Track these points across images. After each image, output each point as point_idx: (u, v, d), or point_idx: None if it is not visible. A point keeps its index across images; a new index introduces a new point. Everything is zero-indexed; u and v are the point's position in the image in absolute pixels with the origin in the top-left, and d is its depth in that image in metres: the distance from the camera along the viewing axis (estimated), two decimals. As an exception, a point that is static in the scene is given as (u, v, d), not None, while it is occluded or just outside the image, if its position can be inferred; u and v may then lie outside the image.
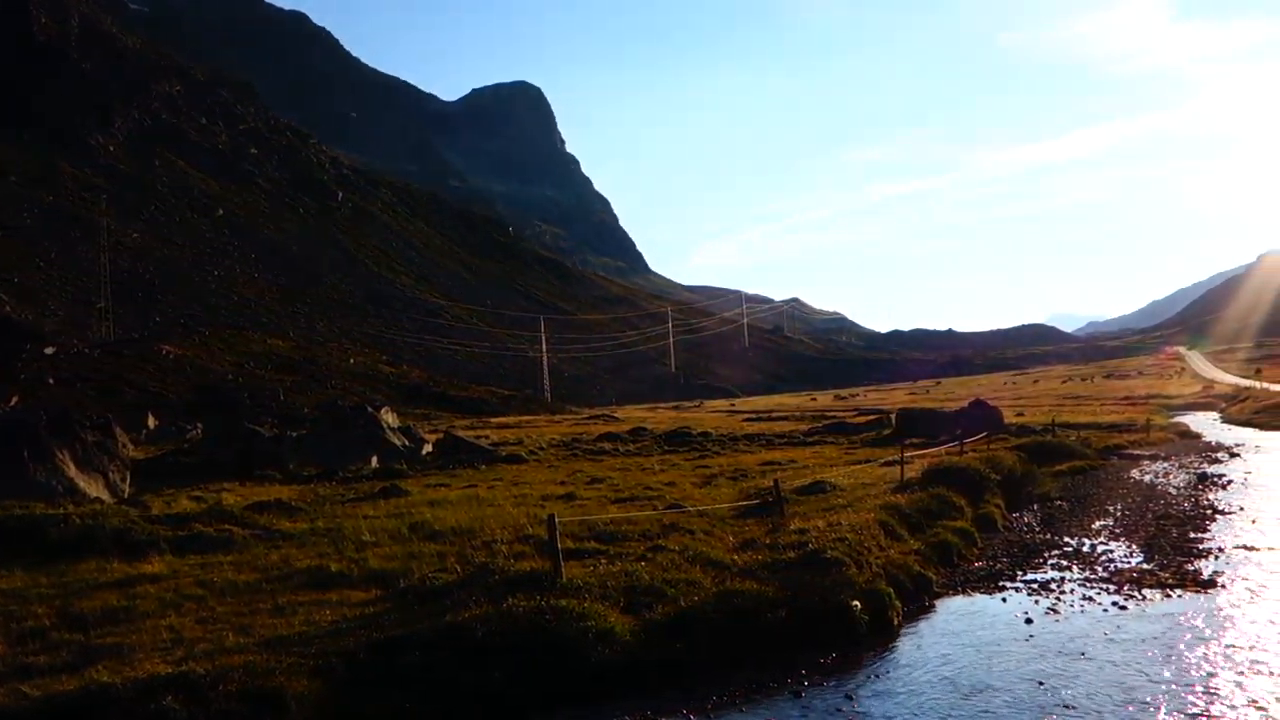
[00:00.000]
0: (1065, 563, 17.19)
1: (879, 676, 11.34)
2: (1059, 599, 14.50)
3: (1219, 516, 22.05)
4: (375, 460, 32.59)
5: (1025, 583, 15.73)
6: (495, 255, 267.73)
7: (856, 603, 13.03)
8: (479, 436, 46.09)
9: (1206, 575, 15.71)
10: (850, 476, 24.85)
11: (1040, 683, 10.78)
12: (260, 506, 20.46)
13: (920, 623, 13.72)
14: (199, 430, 48.99)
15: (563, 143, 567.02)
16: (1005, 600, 14.72)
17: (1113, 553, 18.03)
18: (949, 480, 23.02)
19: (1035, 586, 15.38)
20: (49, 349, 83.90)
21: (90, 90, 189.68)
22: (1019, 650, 12.08)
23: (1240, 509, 23.21)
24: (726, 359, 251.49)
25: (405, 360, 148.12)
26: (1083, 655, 11.70)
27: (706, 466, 31.15)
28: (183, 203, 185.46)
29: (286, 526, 18.48)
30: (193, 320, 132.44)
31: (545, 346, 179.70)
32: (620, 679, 10.81)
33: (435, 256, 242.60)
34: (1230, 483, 28.71)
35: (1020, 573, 16.53)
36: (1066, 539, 19.67)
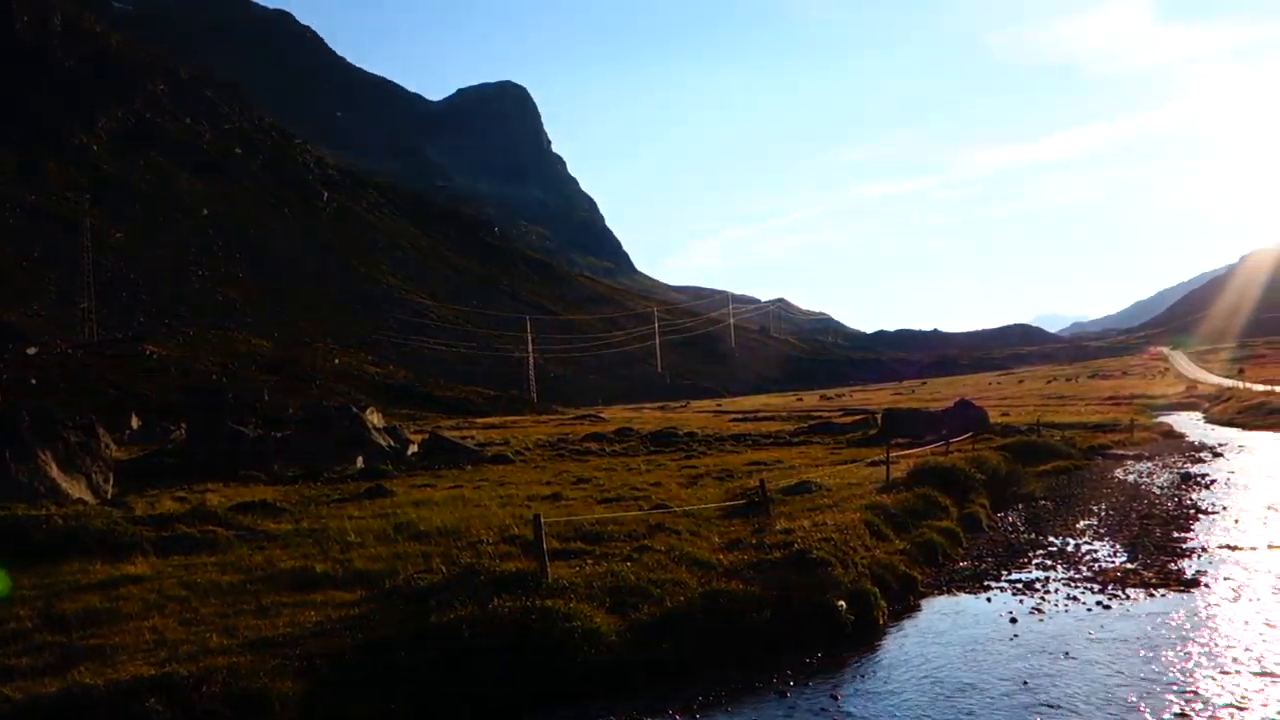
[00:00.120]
0: (1050, 562, 17.25)
1: (864, 676, 11.36)
2: (1043, 599, 14.55)
3: (1202, 516, 22.16)
4: (360, 461, 32.50)
5: (1010, 582, 15.77)
6: (481, 255, 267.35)
7: (842, 602, 13.05)
8: (465, 437, 46.02)
9: (1190, 575, 15.78)
10: (836, 476, 24.90)
11: (1025, 682, 10.81)
12: (244, 507, 20.37)
13: (905, 622, 13.75)
14: (183, 431, 48.70)
15: (549, 143, 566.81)
16: (990, 600, 14.75)
17: (1097, 552, 18.11)
18: (934, 480, 23.09)
19: (1020, 586, 15.42)
20: (31, 349, 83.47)
21: (73, 89, 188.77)
22: (1003, 650, 12.12)
23: (1223, 508, 23.33)
24: (713, 359, 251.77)
25: (391, 361, 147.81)
26: (1067, 655, 11.73)
27: (693, 467, 31.17)
28: (167, 202, 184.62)
29: (271, 527, 18.41)
30: (177, 320, 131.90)
31: (531, 347, 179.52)
32: (606, 679, 10.80)
33: (421, 257, 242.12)
34: (1213, 482, 28.86)
35: (1005, 572, 16.58)
36: (1051, 539, 19.74)
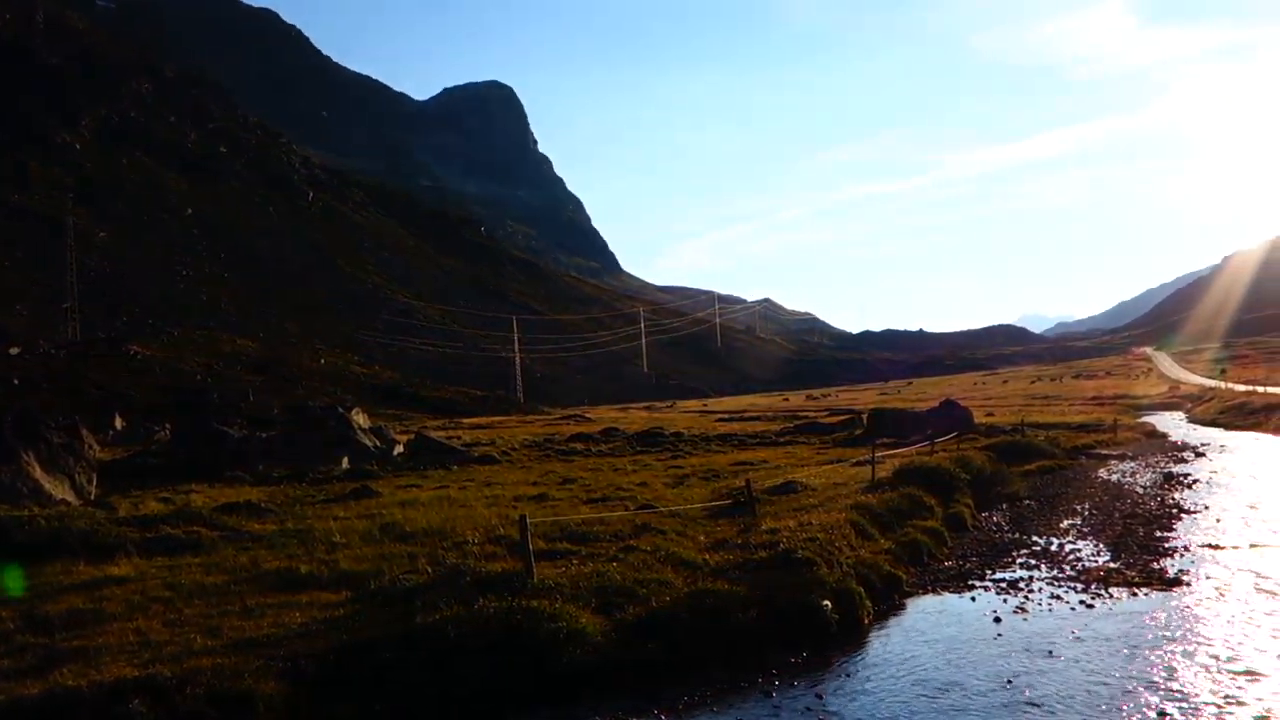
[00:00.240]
0: (1034, 562, 17.34)
1: (849, 675, 11.40)
2: (1027, 598, 14.62)
3: (1185, 515, 22.30)
4: (346, 461, 32.40)
5: (994, 582, 15.85)
6: (467, 255, 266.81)
7: (827, 602, 13.09)
8: (451, 437, 45.94)
9: (1172, 574, 15.88)
10: (822, 476, 24.97)
11: (1008, 681, 10.86)
12: (229, 508, 20.31)
13: (890, 622, 13.80)
14: (167, 431, 48.49)
15: (535, 143, 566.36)
16: (974, 599, 14.82)
17: (1080, 552, 18.21)
18: (920, 480, 23.19)
19: (1004, 585, 15.50)
20: (14, 349, 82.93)
21: (57, 88, 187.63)
22: (987, 649, 12.17)
23: (1205, 508, 23.48)
24: (699, 359, 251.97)
25: (377, 361, 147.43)
26: (1050, 654, 11.80)
27: (679, 467, 31.21)
28: (151, 202, 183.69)
29: (256, 528, 18.37)
30: (161, 320, 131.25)
31: (518, 347, 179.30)
32: (593, 679, 10.81)
33: (407, 256, 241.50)
34: (1196, 482, 29.04)
35: (989, 572, 16.66)
36: (1035, 538, 19.84)
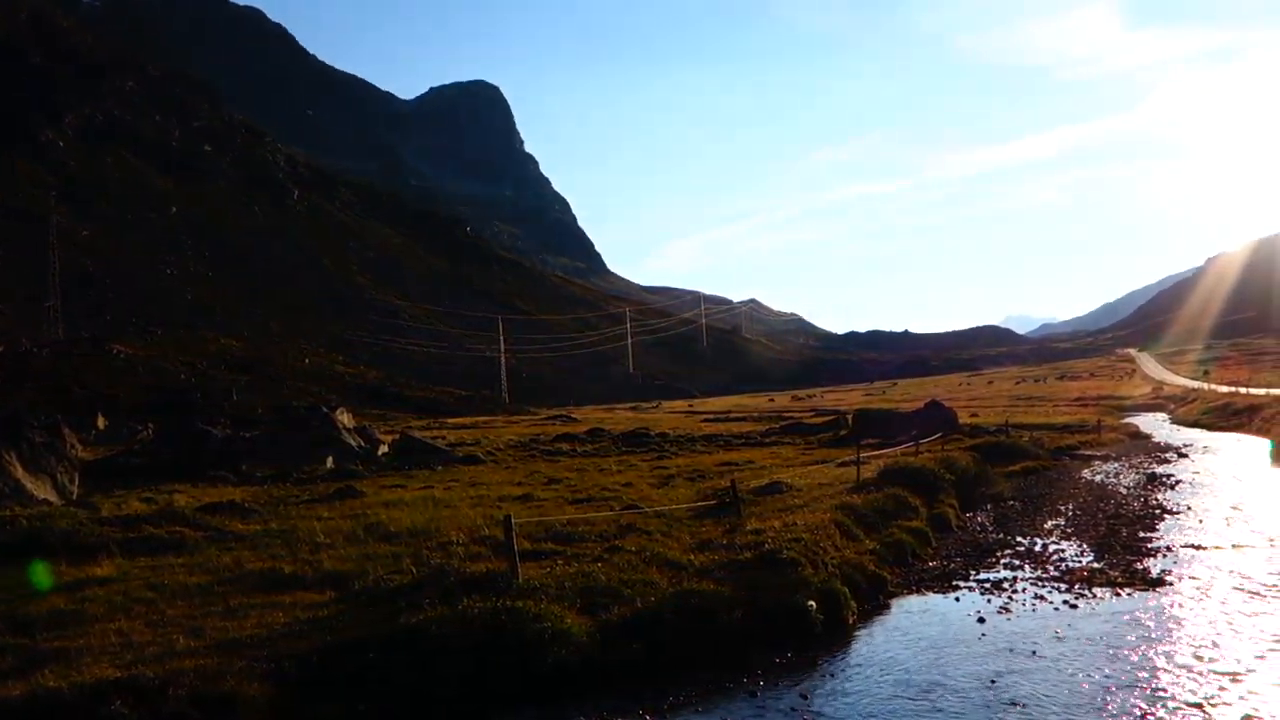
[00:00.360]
0: (1018, 562, 17.41)
1: (834, 676, 11.42)
2: (1011, 598, 14.68)
3: (1167, 516, 22.43)
4: (330, 461, 32.30)
5: (978, 582, 15.90)
6: (453, 255, 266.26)
7: (812, 602, 13.12)
8: (436, 437, 45.81)
9: (1155, 574, 15.97)
10: (807, 477, 25.01)
11: (992, 681, 10.90)
12: (212, 508, 20.24)
13: (875, 622, 13.83)
14: (150, 431, 48.24)
15: (521, 142, 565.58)
16: (959, 599, 14.87)
17: (1064, 552, 18.29)
18: (904, 480, 23.25)
19: (988, 586, 15.55)
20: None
21: (41, 86, 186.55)
22: (971, 649, 12.21)
23: (1188, 508, 23.62)
24: (685, 360, 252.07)
25: (362, 360, 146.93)
26: (1034, 654, 11.85)
27: (664, 467, 31.20)
28: (136, 200, 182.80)
29: (239, 528, 18.30)
30: (145, 319, 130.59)
31: (503, 347, 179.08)
32: (577, 680, 10.81)
33: (392, 256, 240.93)
34: (1179, 483, 29.21)
35: (973, 572, 16.72)
36: (1019, 538, 19.92)
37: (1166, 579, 15.56)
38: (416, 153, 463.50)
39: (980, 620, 13.50)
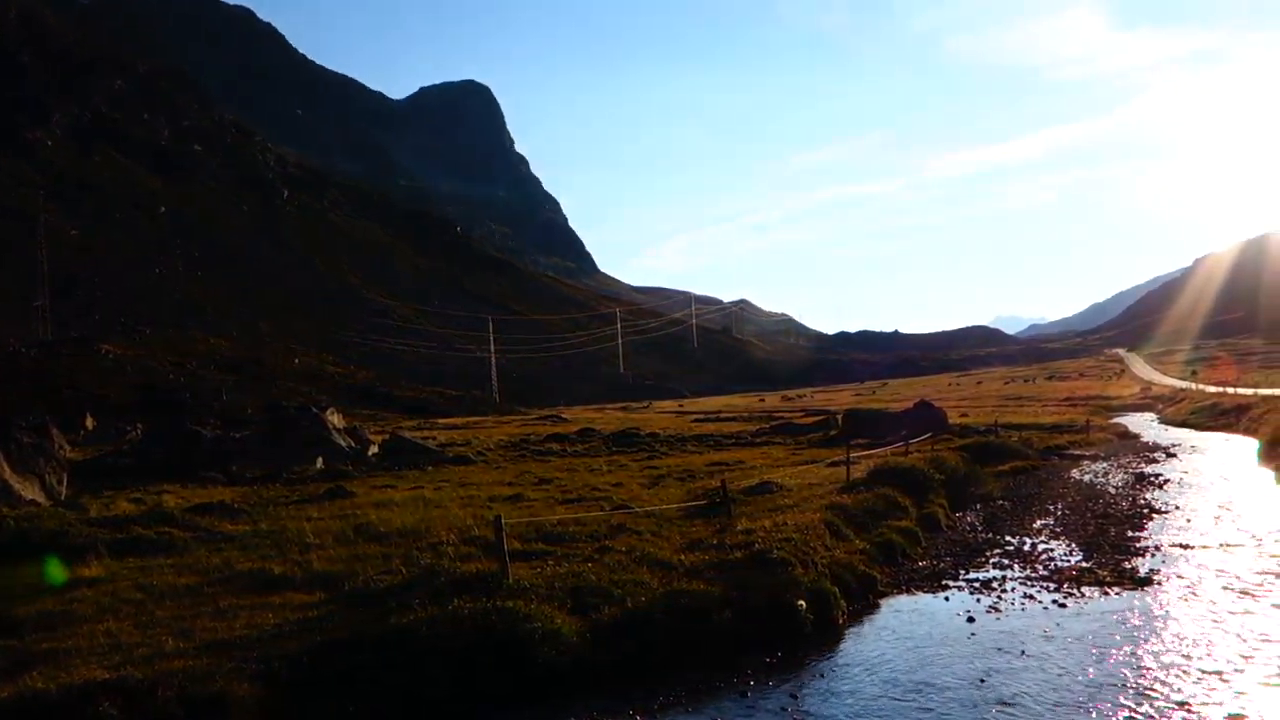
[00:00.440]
0: (1007, 561, 17.46)
1: (823, 675, 11.44)
2: (1000, 597, 14.72)
3: (1156, 515, 22.50)
4: (320, 462, 32.25)
5: (968, 581, 15.94)
6: (443, 255, 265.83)
7: (802, 602, 13.14)
8: (426, 437, 45.75)
9: (1143, 573, 16.03)
10: (797, 477, 25.05)
11: (981, 680, 10.93)
12: (201, 508, 20.20)
13: (865, 622, 13.86)
14: (139, 431, 48.13)
15: (512, 142, 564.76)
16: (948, 599, 14.90)
17: (1053, 551, 18.34)
18: (894, 480, 23.28)
19: (977, 585, 15.59)
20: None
21: (28, 84, 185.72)
22: (961, 648, 12.24)
23: (1176, 508, 23.70)
24: (675, 360, 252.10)
25: (352, 361, 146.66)
26: (1023, 653, 11.88)
27: (654, 467, 31.22)
28: (124, 199, 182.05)
29: (228, 529, 18.27)
30: (134, 319, 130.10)
31: (494, 347, 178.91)
32: (568, 680, 10.82)
33: (383, 256, 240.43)
34: (1167, 482, 29.30)
35: (963, 571, 16.75)
36: (1008, 538, 19.97)
37: (1155, 578, 15.62)
38: (407, 152, 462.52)
39: (970, 620, 13.53)
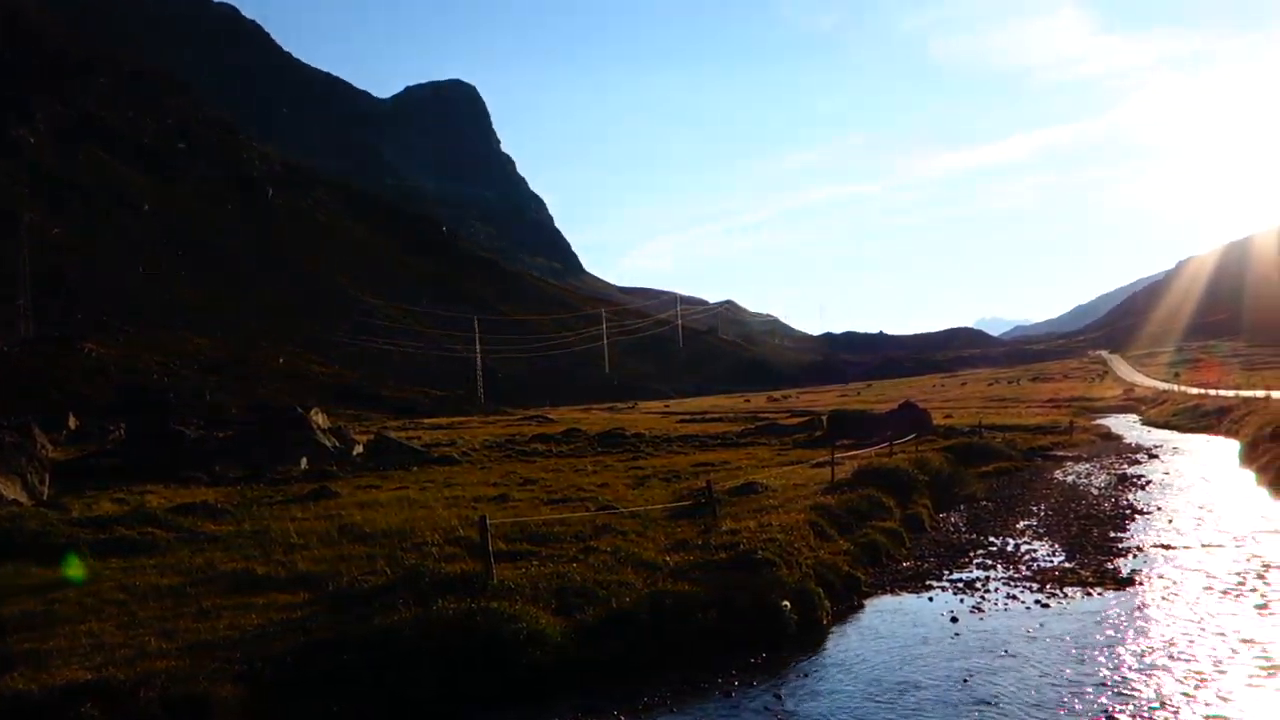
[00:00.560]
0: (990, 562, 17.53)
1: (808, 676, 11.47)
2: (984, 598, 14.78)
3: (1138, 516, 22.62)
4: (305, 462, 32.17)
5: (951, 582, 16.00)
6: (429, 255, 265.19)
7: (787, 603, 13.17)
8: (411, 438, 45.68)
9: (1126, 573, 16.12)
10: (782, 478, 25.11)
11: (964, 680, 10.97)
12: (185, 509, 20.13)
13: (849, 622, 13.90)
14: (122, 431, 47.84)
15: (498, 142, 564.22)
16: (932, 599, 14.96)
17: (1036, 552, 18.42)
18: (879, 481, 23.35)
19: (961, 585, 15.65)
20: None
21: (11, 81, 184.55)
22: (944, 649, 12.29)
23: (1158, 509, 23.83)
24: (661, 361, 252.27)
25: (337, 360, 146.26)
26: (1006, 653, 11.93)
27: (640, 468, 31.25)
28: (108, 198, 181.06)
29: (212, 529, 18.21)
30: (117, 318, 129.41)
31: (479, 347, 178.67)
32: (552, 680, 10.82)
33: (368, 255, 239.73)
34: (1149, 483, 29.46)
35: (947, 572, 16.82)
36: (992, 539, 20.05)
37: (1137, 578, 15.70)
38: (393, 152, 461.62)
39: (953, 620, 13.59)
